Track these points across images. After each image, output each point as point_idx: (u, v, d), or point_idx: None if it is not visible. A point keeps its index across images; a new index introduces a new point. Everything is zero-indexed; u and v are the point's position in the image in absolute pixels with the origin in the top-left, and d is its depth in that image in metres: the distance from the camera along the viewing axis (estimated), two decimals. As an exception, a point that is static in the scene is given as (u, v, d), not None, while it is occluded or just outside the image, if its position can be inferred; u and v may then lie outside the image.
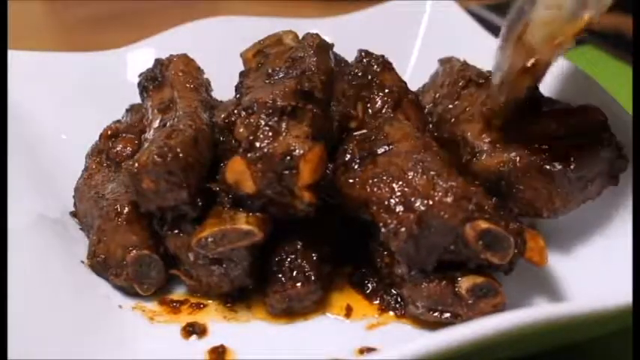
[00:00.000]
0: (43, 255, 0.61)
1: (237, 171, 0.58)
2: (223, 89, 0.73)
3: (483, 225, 0.54)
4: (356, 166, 0.62)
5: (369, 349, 0.58)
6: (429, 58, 0.84)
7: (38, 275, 0.58)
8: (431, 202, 0.56)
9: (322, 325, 0.62)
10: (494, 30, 0.88)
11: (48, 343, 0.52)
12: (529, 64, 0.56)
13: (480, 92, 0.68)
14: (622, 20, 1.27)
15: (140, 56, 0.90)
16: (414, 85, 0.76)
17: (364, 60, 0.71)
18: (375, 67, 0.70)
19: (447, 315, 0.58)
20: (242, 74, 0.69)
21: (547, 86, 0.67)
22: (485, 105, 0.65)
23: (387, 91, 0.69)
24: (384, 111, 0.68)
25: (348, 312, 0.63)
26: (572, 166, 0.59)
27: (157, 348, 0.58)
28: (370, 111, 0.68)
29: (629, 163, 0.62)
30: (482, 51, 0.68)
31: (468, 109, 0.67)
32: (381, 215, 0.58)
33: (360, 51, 0.73)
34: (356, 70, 0.70)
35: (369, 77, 0.70)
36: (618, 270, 0.57)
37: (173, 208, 0.60)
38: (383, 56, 0.72)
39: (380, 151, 0.62)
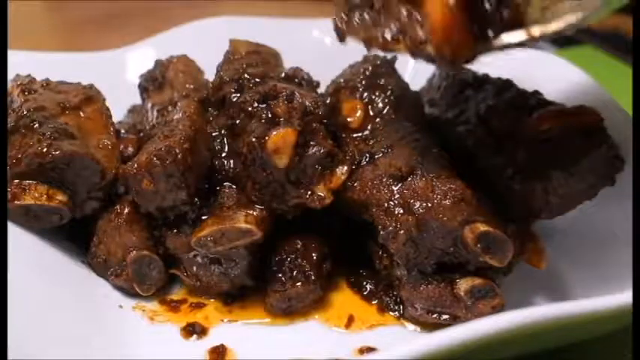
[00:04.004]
0: (43, 255, 0.61)
1: (285, 141, 0.57)
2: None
3: (482, 227, 0.54)
4: (356, 168, 0.62)
5: (369, 349, 0.58)
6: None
7: (38, 275, 0.58)
8: (430, 205, 0.56)
9: (322, 325, 0.62)
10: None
11: (48, 343, 0.52)
12: None
13: (475, 95, 0.68)
14: (622, 20, 1.27)
15: (140, 56, 0.91)
16: (414, 86, 0.76)
17: (367, 61, 0.71)
18: (378, 68, 0.70)
19: (446, 317, 0.58)
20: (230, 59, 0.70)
21: (546, 86, 0.67)
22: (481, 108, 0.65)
23: (389, 92, 0.69)
24: (385, 112, 0.68)
25: (349, 322, 0.62)
26: (568, 167, 0.59)
27: (157, 348, 0.58)
28: (372, 112, 0.68)
29: (625, 163, 0.62)
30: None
31: (464, 112, 0.68)
32: (380, 217, 0.58)
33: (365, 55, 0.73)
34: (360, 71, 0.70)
35: (372, 78, 0.70)
36: (618, 270, 0.57)
37: (172, 208, 0.60)
38: (385, 57, 0.72)
39: (380, 153, 0.62)
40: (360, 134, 0.66)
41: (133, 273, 0.62)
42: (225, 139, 0.64)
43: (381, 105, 0.68)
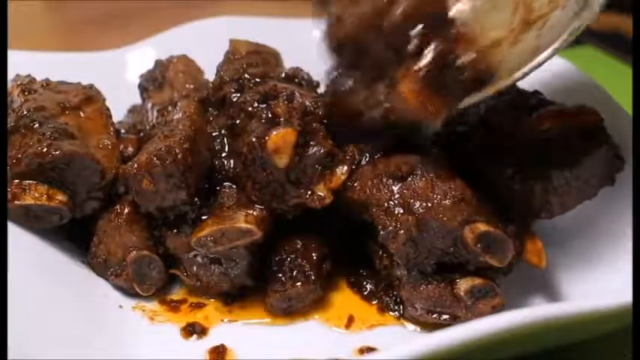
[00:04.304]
0: (43, 255, 0.61)
1: (285, 141, 0.57)
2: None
3: (482, 227, 0.54)
4: (356, 168, 0.62)
5: (369, 349, 0.58)
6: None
7: (38, 275, 0.58)
8: (430, 205, 0.56)
9: (322, 325, 0.62)
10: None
11: (48, 343, 0.52)
12: None
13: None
14: (622, 20, 1.27)
15: (140, 56, 0.91)
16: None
17: None
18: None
19: (446, 317, 0.59)
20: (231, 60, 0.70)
21: (546, 86, 0.67)
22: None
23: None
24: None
25: (349, 322, 0.62)
26: (568, 167, 0.59)
27: (157, 348, 0.58)
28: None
29: (625, 163, 0.62)
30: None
31: (464, 112, 0.67)
32: (380, 217, 0.58)
33: None
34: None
35: None
36: (618, 270, 0.57)
37: (172, 208, 0.60)
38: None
39: (380, 152, 0.62)
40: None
41: (133, 273, 0.62)
42: (225, 139, 0.64)
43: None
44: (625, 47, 1.17)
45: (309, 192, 0.60)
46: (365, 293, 0.65)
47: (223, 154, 0.64)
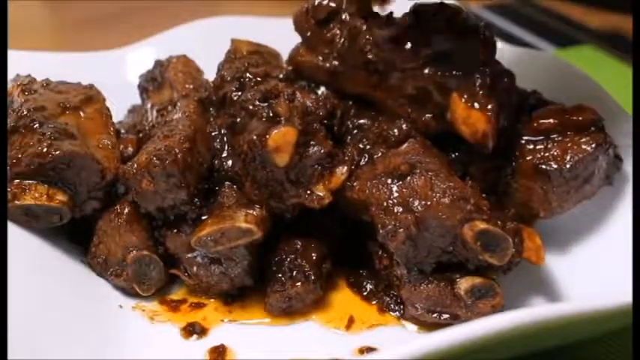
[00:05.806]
0: (43, 255, 0.61)
1: (286, 140, 0.57)
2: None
3: (481, 225, 0.54)
4: (355, 168, 0.62)
5: (369, 349, 0.58)
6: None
7: (38, 275, 0.58)
8: (429, 203, 0.56)
9: (322, 325, 0.62)
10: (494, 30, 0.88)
11: (48, 343, 0.52)
12: None
13: None
14: (622, 20, 1.27)
15: (140, 56, 0.90)
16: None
17: None
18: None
19: (446, 316, 0.59)
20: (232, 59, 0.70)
21: (545, 86, 0.67)
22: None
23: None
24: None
25: (350, 323, 0.62)
26: (567, 166, 0.59)
27: (157, 348, 0.58)
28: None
29: (623, 162, 0.62)
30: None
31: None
32: (379, 216, 0.58)
33: None
34: None
35: None
36: (618, 269, 0.57)
37: (172, 208, 0.60)
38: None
39: (379, 152, 0.62)
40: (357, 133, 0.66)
41: (133, 273, 0.62)
42: (225, 139, 0.64)
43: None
44: (625, 47, 1.17)
45: (308, 192, 0.60)
46: (365, 293, 0.65)
47: (223, 154, 0.64)
